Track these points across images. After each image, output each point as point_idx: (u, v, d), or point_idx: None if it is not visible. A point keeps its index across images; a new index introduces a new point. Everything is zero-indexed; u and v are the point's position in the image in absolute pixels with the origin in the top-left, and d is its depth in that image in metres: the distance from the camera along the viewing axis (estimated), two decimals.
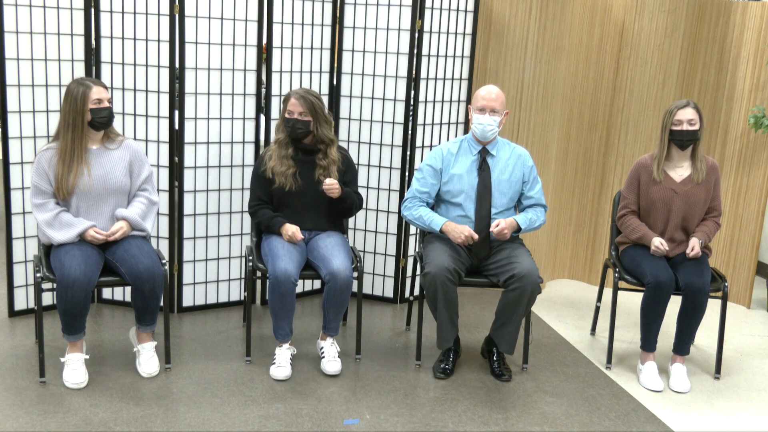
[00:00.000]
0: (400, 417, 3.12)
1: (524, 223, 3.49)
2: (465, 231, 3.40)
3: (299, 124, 3.50)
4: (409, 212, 3.57)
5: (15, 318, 3.90)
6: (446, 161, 3.54)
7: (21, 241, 3.84)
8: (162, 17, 3.75)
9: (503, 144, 3.59)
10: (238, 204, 4.10)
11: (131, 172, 3.38)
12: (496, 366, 3.52)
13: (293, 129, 3.50)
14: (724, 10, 4.46)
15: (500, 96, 3.48)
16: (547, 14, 4.40)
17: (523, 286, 3.30)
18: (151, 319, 3.34)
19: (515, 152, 3.57)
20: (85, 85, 3.22)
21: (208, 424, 2.98)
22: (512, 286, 3.33)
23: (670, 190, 3.58)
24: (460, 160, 3.54)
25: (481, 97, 3.47)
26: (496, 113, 3.46)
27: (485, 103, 3.46)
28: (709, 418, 3.27)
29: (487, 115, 3.46)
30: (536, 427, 3.10)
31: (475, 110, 3.49)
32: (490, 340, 3.57)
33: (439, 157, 3.55)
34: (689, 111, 3.51)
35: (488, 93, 3.47)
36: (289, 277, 3.30)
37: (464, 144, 3.58)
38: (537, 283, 3.33)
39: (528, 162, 3.58)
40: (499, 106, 3.47)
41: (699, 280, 3.42)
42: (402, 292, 4.42)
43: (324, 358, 3.47)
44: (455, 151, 3.56)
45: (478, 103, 3.48)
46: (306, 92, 3.51)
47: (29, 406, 3.05)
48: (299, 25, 4.04)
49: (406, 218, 3.59)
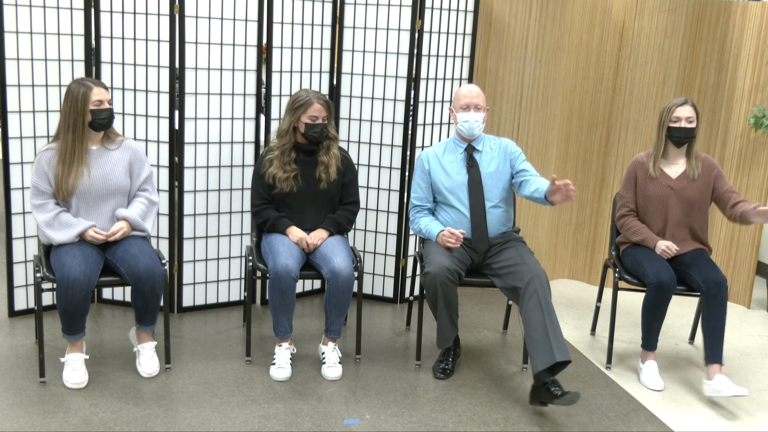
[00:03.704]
0: (400, 417, 3.12)
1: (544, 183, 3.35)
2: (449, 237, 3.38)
3: (325, 129, 3.52)
4: (412, 226, 3.63)
5: (15, 318, 3.90)
6: (432, 162, 3.58)
7: (21, 241, 3.84)
8: (162, 17, 3.75)
9: (487, 139, 3.62)
10: (238, 204, 4.10)
11: (131, 172, 3.38)
12: (556, 389, 3.09)
13: (320, 134, 3.51)
14: (724, 10, 4.46)
15: (481, 93, 3.53)
16: (547, 14, 4.41)
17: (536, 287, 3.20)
18: (151, 319, 3.34)
19: (499, 144, 3.60)
20: (86, 85, 3.22)
21: (208, 424, 2.98)
22: (528, 294, 3.21)
23: (666, 187, 3.58)
24: (447, 161, 3.56)
25: (463, 96, 3.51)
26: (480, 109, 3.51)
27: (469, 101, 3.50)
28: (709, 418, 3.27)
29: (472, 111, 3.49)
30: (536, 427, 3.10)
31: (459, 110, 3.52)
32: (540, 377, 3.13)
33: (426, 160, 3.59)
34: (687, 108, 3.52)
35: (469, 91, 3.51)
36: (290, 272, 3.30)
37: (450, 145, 3.61)
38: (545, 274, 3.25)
39: (513, 150, 3.58)
40: (482, 102, 3.52)
41: (716, 274, 3.39)
42: (402, 292, 4.42)
43: (325, 364, 3.46)
44: (441, 153, 3.59)
45: (461, 102, 3.51)
46: (321, 94, 3.52)
47: (29, 406, 3.05)
48: (299, 25, 4.04)
49: (412, 229, 3.65)
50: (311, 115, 3.48)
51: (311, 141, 3.53)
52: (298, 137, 3.55)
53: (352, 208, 3.66)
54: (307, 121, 3.49)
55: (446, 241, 3.40)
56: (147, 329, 3.37)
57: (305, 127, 3.50)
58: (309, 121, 3.48)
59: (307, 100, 3.48)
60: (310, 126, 3.49)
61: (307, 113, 3.48)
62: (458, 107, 3.53)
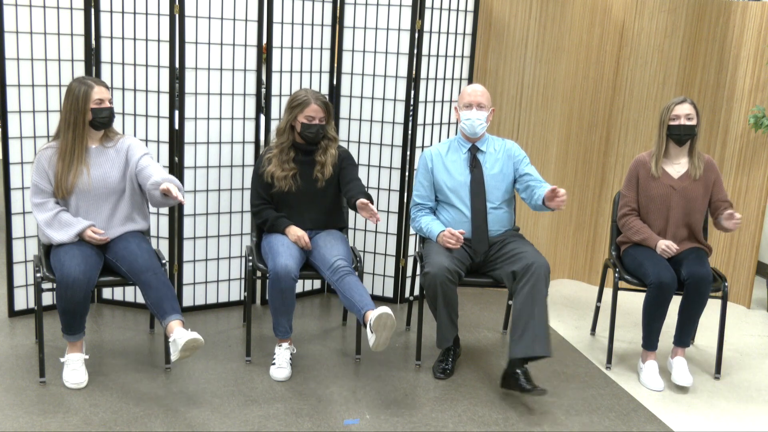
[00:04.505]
0: (400, 417, 3.12)
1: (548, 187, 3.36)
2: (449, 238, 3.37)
3: (322, 130, 3.51)
4: (413, 224, 3.63)
5: (15, 318, 3.90)
6: (436, 161, 3.57)
7: (21, 241, 3.84)
8: (162, 17, 3.75)
9: (492, 140, 3.62)
10: (238, 204, 4.10)
11: (129, 155, 3.32)
12: (524, 381, 3.20)
13: (316, 135, 3.50)
14: (724, 10, 4.46)
15: (486, 92, 3.53)
16: (547, 14, 4.41)
17: (535, 271, 3.21)
18: (171, 306, 3.09)
19: (503, 146, 3.60)
20: (87, 84, 3.22)
21: (208, 424, 2.98)
22: (524, 277, 3.24)
23: (668, 187, 3.59)
24: (451, 160, 3.56)
25: (467, 94, 3.52)
26: (483, 108, 3.50)
27: (471, 99, 3.50)
28: (709, 418, 3.27)
29: (474, 109, 3.49)
30: (536, 427, 3.10)
31: (462, 108, 3.53)
32: (511, 364, 3.26)
33: (429, 158, 3.59)
34: (686, 106, 3.53)
35: (473, 90, 3.53)
36: (290, 272, 3.30)
37: (453, 144, 3.61)
38: (546, 265, 3.25)
39: (517, 153, 3.58)
40: (486, 101, 3.51)
41: (702, 269, 3.41)
42: (402, 292, 4.42)
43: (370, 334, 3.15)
44: (444, 151, 3.59)
45: (464, 101, 3.53)
46: (320, 95, 3.51)
47: (29, 406, 3.05)
48: (299, 25, 4.04)
49: (413, 228, 3.64)
50: (308, 115, 3.48)
51: (307, 141, 3.53)
52: (296, 136, 3.55)
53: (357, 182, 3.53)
54: (304, 121, 3.49)
55: (446, 242, 3.40)
56: (175, 317, 3.08)
57: (301, 126, 3.50)
58: (305, 121, 3.48)
59: (305, 100, 3.48)
60: (306, 126, 3.49)
61: (303, 113, 3.48)
62: (462, 105, 3.53)
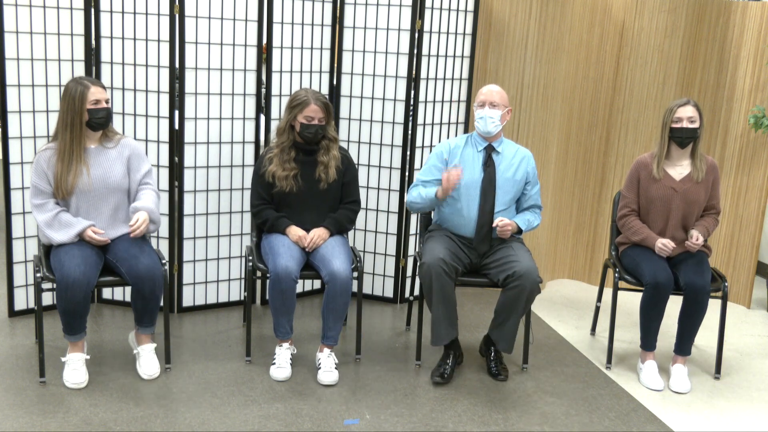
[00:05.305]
0: (400, 417, 3.12)
1: (524, 224, 3.54)
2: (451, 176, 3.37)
3: (321, 130, 3.50)
4: (409, 196, 3.60)
5: (15, 318, 3.90)
6: (452, 153, 3.57)
7: (21, 241, 3.84)
8: (162, 17, 3.74)
9: (508, 143, 3.62)
10: (238, 204, 4.10)
11: (130, 168, 3.36)
12: (494, 365, 3.53)
13: (315, 135, 3.50)
14: (724, 10, 4.46)
15: (501, 92, 3.54)
16: (547, 14, 4.40)
17: (522, 284, 3.30)
18: (150, 320, 3.33)
19: (520, 152, 3.60)
20: (84, 84, 3.22)
21: (208, 424, 2.98)
22: (511, 284, 3.33)
23: (669, 189, 3.58)
24: (466, 154, 3.56)
25: (481, 93, 3.55)
26: (496, 106, 3.50)
27: (484, 98, 3.52)
28: (709, 418, 3.27)
29: (486, 107, 3.50)
30: (536, 427, 3.10)
31: (477, 106, 3.55)
32: (489, 339, 3.57)
33: (447, 149, 3.59)
34: (689, 108, 3.52)
35: (488, 89, 3.54)
36: (290, 273, 3.29)
37: (470, 140, 3.61)
38: (536, 282, 3.33)
39: (532, 163, 3.62)
40: (499, 100, 3.51)
41: (700, 279, 3.42)
42: (402, 292, 4.42)
43: (320, 369, 3.41)
44: (462, 144, 3.60)
45: (478, 99, 3.56)
46: (320, 95, 3.50)
47: (29, 406, 3.05)
48: (299, 25, 4.04)
49: (409, 203, 3.61)
50: (307, 115, 3.47)
51: (306, 141, 3.53)
52: (296, 136, 3.55)
53: (353, 207, 3.66)
54: (303, 121, 3.48)
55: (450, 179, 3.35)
56: (146, 331, 3.36)
57: (300, 126, 3.49)
58: (304, 121, 3.48)
59: (304, 100, 3.48)
60: (305, 126, 3.49)
61: (303, 113, 3.48)
62: (477, 104, 3.56)
